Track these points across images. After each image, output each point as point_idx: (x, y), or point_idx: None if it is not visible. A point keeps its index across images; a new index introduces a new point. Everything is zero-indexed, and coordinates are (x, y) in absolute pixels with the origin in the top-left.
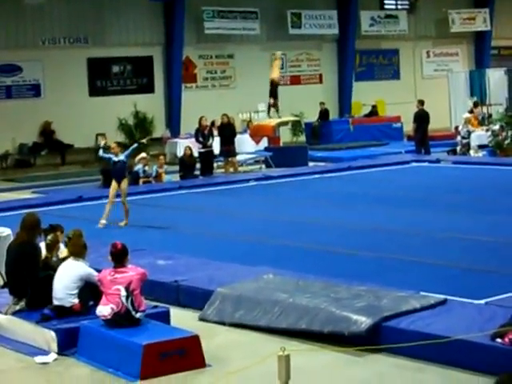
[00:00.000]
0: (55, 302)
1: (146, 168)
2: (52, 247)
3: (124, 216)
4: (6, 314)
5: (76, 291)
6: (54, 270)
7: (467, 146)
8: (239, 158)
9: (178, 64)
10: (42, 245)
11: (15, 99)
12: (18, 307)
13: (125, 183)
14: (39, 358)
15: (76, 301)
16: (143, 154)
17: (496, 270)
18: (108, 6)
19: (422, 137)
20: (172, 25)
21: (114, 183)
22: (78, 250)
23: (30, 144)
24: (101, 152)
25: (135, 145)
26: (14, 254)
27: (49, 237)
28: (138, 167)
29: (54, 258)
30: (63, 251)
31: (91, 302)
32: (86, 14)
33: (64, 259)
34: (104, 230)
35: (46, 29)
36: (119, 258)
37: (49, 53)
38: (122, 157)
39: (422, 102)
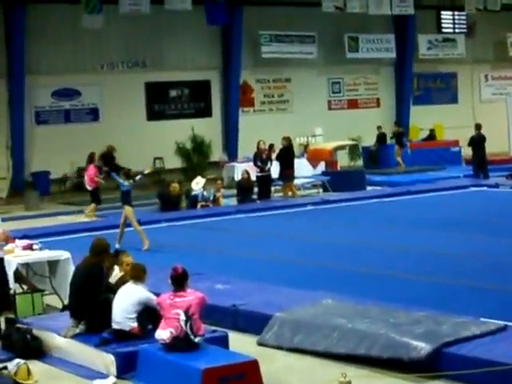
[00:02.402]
0: (114, 326)
1: (205, 192)
2: (108, 270)
3: (141, 241)
4: (65, 336)
5: (135, 315)
6: (114, 292)
7: None
8: (297, 182)
9: (236, 88)
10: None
11: (74, 123)
12: (77, 330)
13: (128, 209)
14: (98, 382)
15: (135, 324)
16: (201, 179)
17: None
18: (166, 30)
19: (480, 161)
20: (229, 49)
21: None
22: (138, 274)
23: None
24: (114, 174)
25: (139, 176)
26: (81, 275)
27: (128, 258)
28: (197, 191)
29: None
30: (117, 274)
31: (150, 326)
32: (143, 38)
33: (123, 283)
34: (162, 254)
35: (104, 53)
36: (179, 281)
37: (107, 77)
38: (126, 183)
39: (478, 126)
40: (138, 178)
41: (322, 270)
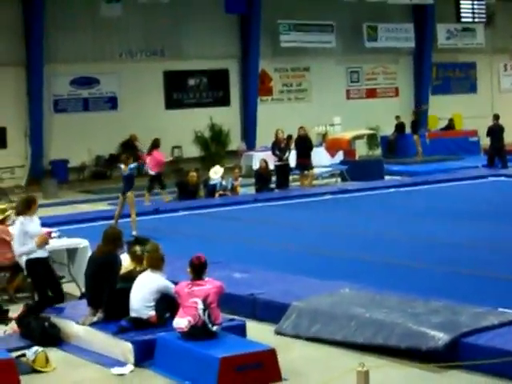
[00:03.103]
0: (132, 314)
1: (223, 181)
2: (140, 259)
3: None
4: (83, 324)
5: (153, 303)
6: (132, 280)
7: None
8: (315, 171)
9: (254, 77)
10: (123, 257)
11: (92, 112)
12: (95, 318)
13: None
14: (116, 370)
15: (153, 313)
16: (220, 168)
17: None
18: (184, 18)
19: (498, 151)
20: (248, 38)
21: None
22: (156, 263)
23: (106, 156)
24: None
25: (135, 163)
26: (95, 264)
27: (137, 247)
28: (216, 181)
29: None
30: (127, 266)
31: (168, 314)
32: (162, 26)
33: (141, 271)
34: (179, 243)
35: (123, 42)
36: (200, 270)
37: (126, 65)
38: (127, 170)
39: (496, 117)
40: (133, 165)
41: (340, 259)
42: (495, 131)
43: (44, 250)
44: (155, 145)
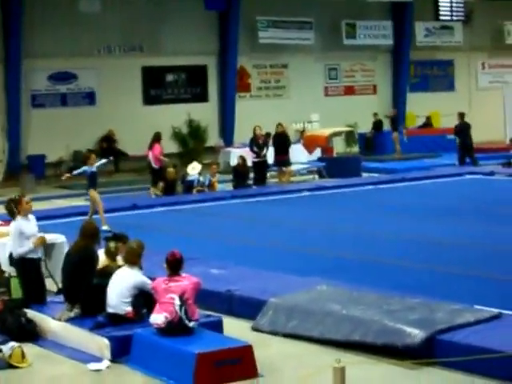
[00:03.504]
0: (109, 310)
1: (200, 177)
2: (114, 255)
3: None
4: (60, 320)
5: (130, 299)
6: (109, 276)
7: None
8: (292, 168)
9: (232, 73)
10: (100, 252)
11: (70, 107)
12: (72, 314)
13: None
14: (92, 365)
15: (129, 308)
16: (197, 164)
17: None
18: (163, 14)
19: (467, 148)
20: (226, 34)
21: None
22: (132, 259)
23: (84, 151)
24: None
25: (104, 160)
26: (72, 259)
27: (112, 244)
28: (194, 177)
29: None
30: (103, 261)
31: (145, 310)
32: (140, 22)
33: (105, 271)
34: (157, 238)
35: (101, 37)
36: (176, 266)
37: (104, 61)
38: (94, 168)
39: (462, 115)
40: (99, 163)
41: (317, 256)
42: (463, 129)
43: (37, 252)
44: (156, 138)
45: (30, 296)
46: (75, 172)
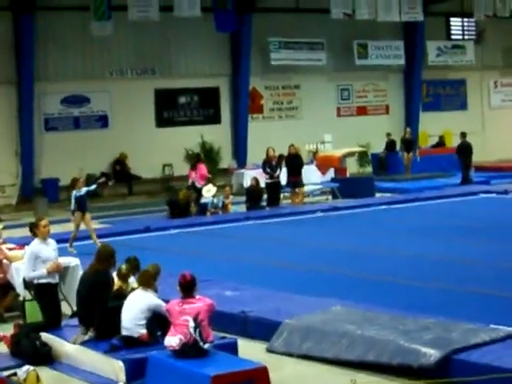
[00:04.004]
0: (123, 332)
1: (214, 199)
2: (126, 277)
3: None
4: (74, 343)
5: (144, 322)
6: (123, 298)
7: None
8: (306, 188)
9: (245, 95)
10: (114, 275)
11: (83, 130)
12: (86, 337)
13: (87, 216)
14: None
15: (144, 331)
16: (212, 187)
17: None
18: (175, 37)
19: (467, 167)
20: (238, 55)
21: (80, 214)
22: (147, 281)
23: (97, 174)
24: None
25: (93, 186)
26: (88, 282)
27: (124, 266)
28: (208, 199)
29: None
30: (132, 283)
31: (159, 333)
32: (152, 45)
33: (119, 295)
34: (171, 260)
35: (114, 60)
36: (188, 288)
37: (116, 84)
38: (82, 192)
39: (464, 135)
40: (89, 188)
41: (331, 276)
42: (464, 149)
43: (54, 276)
44: (198, 159)
45: (48, 321)
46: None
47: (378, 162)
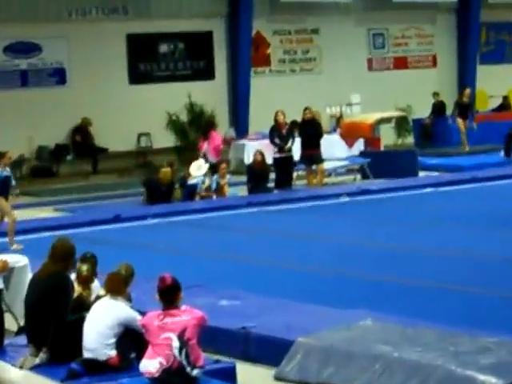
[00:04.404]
0: (86, 354)
1: (206, 180)
2: (88, 281)
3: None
4: (21, 368)
5: (113, 340)
6: (87, 309)
7: None
8: (326, 165)
9: (246, 42)
10: (72, 278)
11: (32, 88)
12: (37, 360)
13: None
14: None
15: (113, 352)
16: (200, 161)
17: None
18: None
19: None
20: None
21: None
22: (117, 287)
23: (51, 147)
24: None
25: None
26: (39, 288)
27: (84, 267)
28: (197, 179)
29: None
30: (96, 289)
31: (133, 355)
32: None
33: (79, 303)
34: (149, 260)
35: None
36: (169, 296)
37: (77, 27)
38: (8, 171)
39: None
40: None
41: (359, 281)
42: None
43: None
44: (211, 125)
45: None
46: None
47: (422, 131)
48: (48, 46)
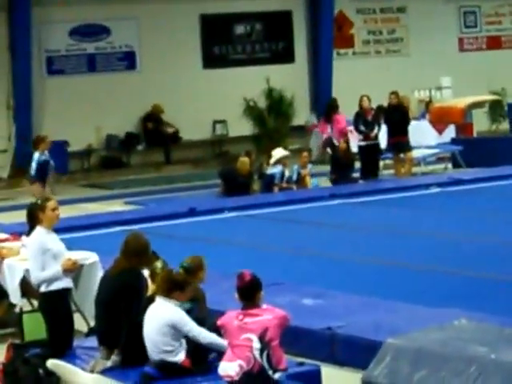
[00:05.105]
0: (156, 357)
1: (286, 169)
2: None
3: None
4: (92, 371)
5: (174, 343)
6: None
7: None
8: (415, 153)
9: (328, 21)
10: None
11: (100, 73)
12: (109, 363)
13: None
14: None
15: (180, 356)
16: (281, 151)
17: None
18: None
19: None
20: None
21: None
22: (170, 286)
23: (121, 136)
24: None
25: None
26: (110, 286)
27: (159, 264)
28: (276, 169)
29: None
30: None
31: (213, 355)
32: None
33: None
34: (226, 256)
35: None
36: (249, 294)
37: (146, 8)
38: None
39: None
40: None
41: (453, 278)
42: None
43: (68, 279)
44: (334, 108)
45: (56, 340)
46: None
47: None
48: (117, 29)
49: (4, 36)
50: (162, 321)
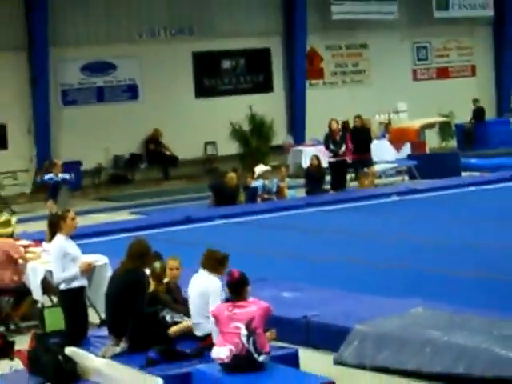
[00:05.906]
0: (197, 333)
1: (267, 182)
2: (161, 277)
3: None
4: (104, 357)
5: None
6: (164, 304)
7: None
8: (377, 168)
9: (301, 56)
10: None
11: (108, 103)
12: (118, 349)
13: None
14: None
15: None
16: (262, 167)
17: None
18: None
19: None
20: (293, 10)
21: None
22: (213, 264)
23: (126, 156)
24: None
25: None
26: (118, 283)
27: (156, 264)
28: (258, 183)
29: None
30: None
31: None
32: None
33: (153, 298)
34: None
35: (144, 19)
36: (237, 289)
37: (147, 47)
38: (60, 177)
39: None
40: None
41: (410, 273)
42: None
43: (84, 278)
44: (346, 128)
45: (73, 331)
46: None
47: (464, 135)
48: (121, 65)
49: (25, 71)
50: (201, 287)
